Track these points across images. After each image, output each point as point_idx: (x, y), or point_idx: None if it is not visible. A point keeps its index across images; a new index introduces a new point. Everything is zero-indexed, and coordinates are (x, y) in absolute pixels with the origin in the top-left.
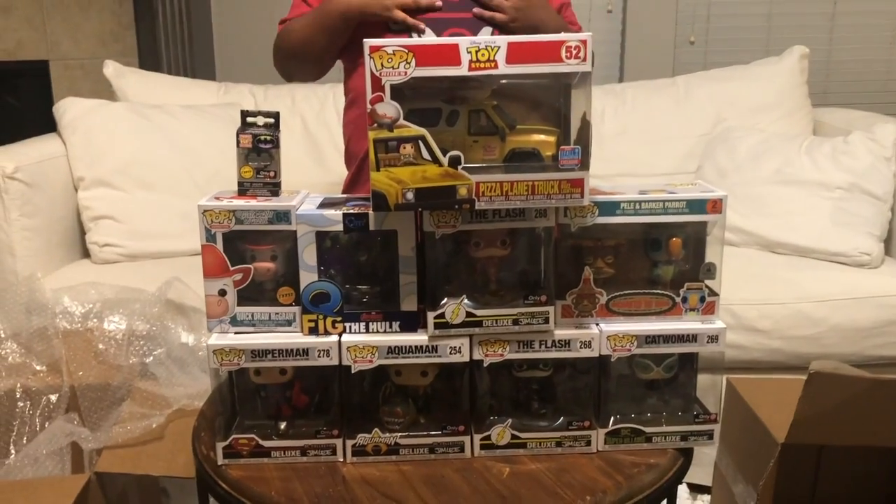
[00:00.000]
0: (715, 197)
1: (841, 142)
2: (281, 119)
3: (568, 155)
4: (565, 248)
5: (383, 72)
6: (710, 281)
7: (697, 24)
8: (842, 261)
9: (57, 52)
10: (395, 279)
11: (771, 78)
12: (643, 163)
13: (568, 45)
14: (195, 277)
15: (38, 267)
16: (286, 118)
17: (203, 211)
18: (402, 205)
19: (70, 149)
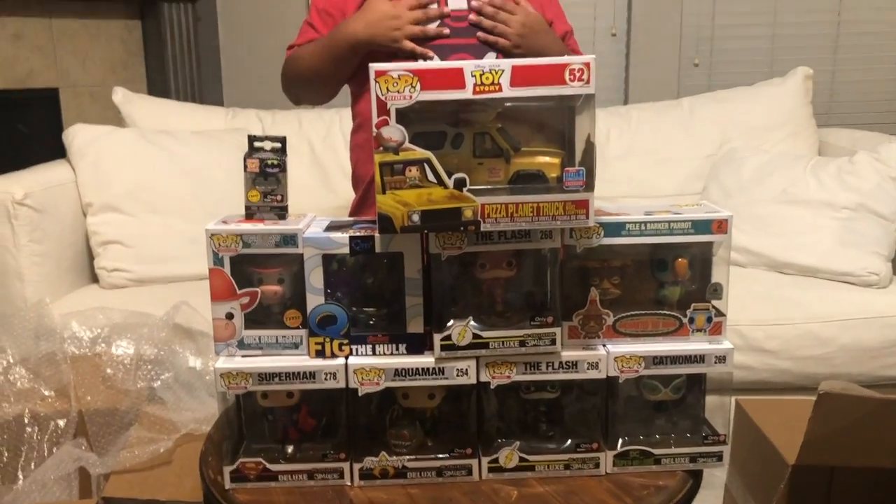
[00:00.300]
0: (720, 217)
1: (846, 162)
2: (288, 143)
3: (572, 176)
4: (571, 269)
5: (388, 96)
6: (716, 301)
7: (701, 46)
8: (849, 281)
9: (67, 79)
10: (402, 301)
11: (775, 99)
12: (649, 184)
13: (571, 68)
14: (203, 301)
15: (47, 292)
16: (293, 142)
17: (210, 235)
18: (408, 227)
19: (79, 175)
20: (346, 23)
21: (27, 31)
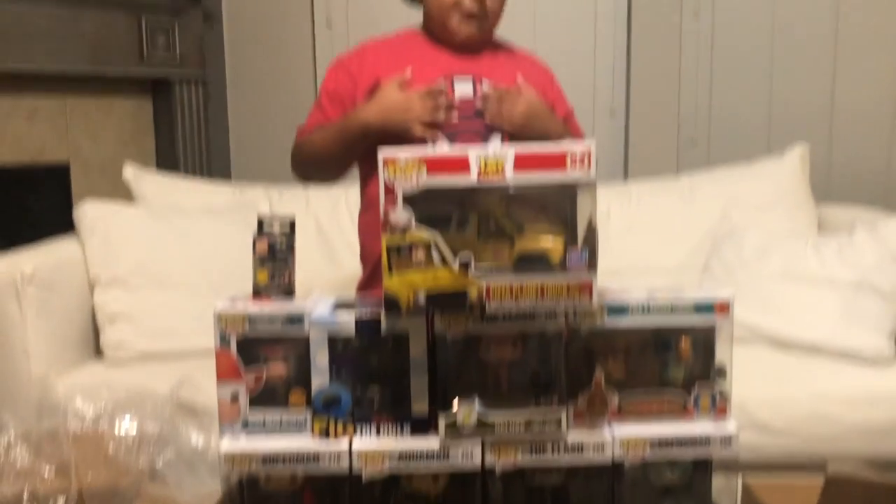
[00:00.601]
0: (722, 298)
1: (846, 239)
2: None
3: (576, 259)
4: (576, 349)
5: (396, 180)
6: (721, 382)
7: (699, 123)
8: (854, 358)
9: (77, 154)
10: (406, 382)
11: (773, 176)
12: (650, 259)
13: (573, 155)
14: (207, 377)
15: (52, 368)
16: (300, 218)
17: (218, 315)
18: (413, 308)
19: (88, 250)
20: (358, 110)
21: (42, 108)
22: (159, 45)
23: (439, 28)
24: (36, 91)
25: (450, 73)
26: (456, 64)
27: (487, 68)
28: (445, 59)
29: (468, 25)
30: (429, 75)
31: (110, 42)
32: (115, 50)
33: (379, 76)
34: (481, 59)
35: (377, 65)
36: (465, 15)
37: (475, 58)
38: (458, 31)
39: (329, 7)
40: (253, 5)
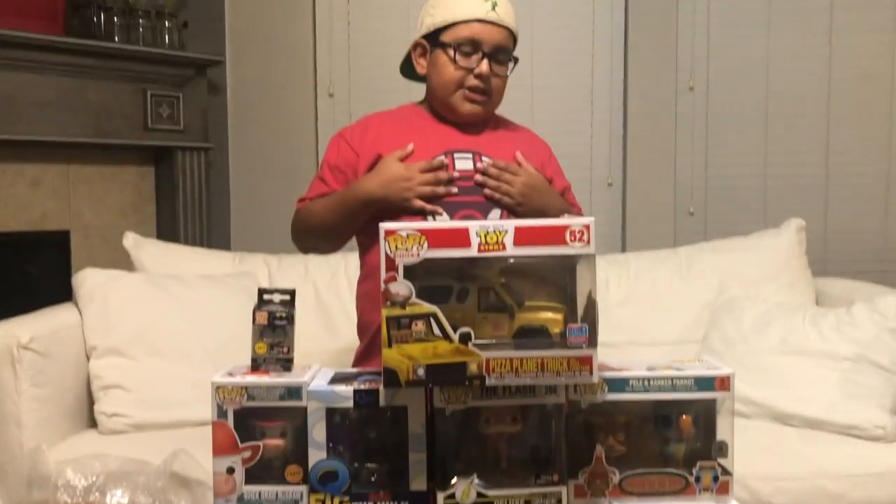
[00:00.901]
0: (723, 374)
1: (844, 313)
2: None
3: (576, 333)
4: (576, 424)
5: (397, 253)
6: (722, 459)
7: (696, 195)
8: (856, 434)
9: (79, 222)
10: (405, 456)
11: (770, 250)
12: (649, 331)
13: (572, 230)
14: (201, 448)
15: (45, 438)
16: (298, 286)
17: (216, 387)
18: (413, 381)
19: (85, 318)
20: (359, 181)
21: (45, 176)
22: (164, 115)
23: (442, 105)
24: (40, 159)
25: (450, 148)
26: (456, 139)
27: (487, 143)
28: (446, 134)
29: (472, 104)
30: (430, 150)
31: (115, 112)
32: (120, 120)
33: (381, 150)
34: (481, 135)
35: (379, 138)
36: (469, 93)
37: (475, 133)
38: (461, 109)
39: (331, 78)
40: (257, 76)
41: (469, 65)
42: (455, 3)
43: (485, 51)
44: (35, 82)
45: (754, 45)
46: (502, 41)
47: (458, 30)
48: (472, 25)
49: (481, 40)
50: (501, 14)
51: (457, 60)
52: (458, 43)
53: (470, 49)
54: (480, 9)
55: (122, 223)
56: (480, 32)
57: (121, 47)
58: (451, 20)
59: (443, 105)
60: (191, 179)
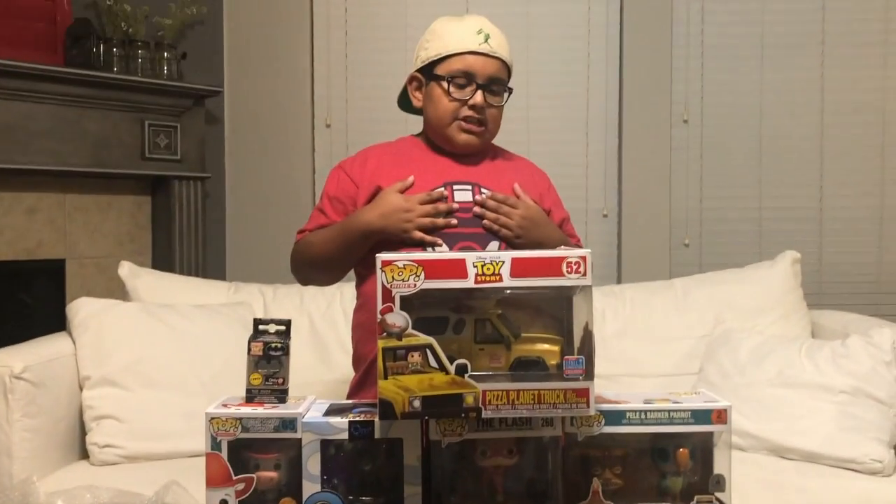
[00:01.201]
0: (719, 407)
1: (840, 345)
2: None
3: (572, 365)
4: (573, 457)
5: (394, 284)
6: (720, 493)
7: (691, 227)
8: (853, 468)
9: (74, 251)
10: (400, 490)
11: (765, 282)
12: (645, 363)
13: (569, 261)
14: (194, 480)
15: (35, 469)
16: (294, 317)
17: (210, 419)
18: (408, 413)
19: (79, 348)
20: (359, 212)
21: (41, 205)
22: (161, 145)
23: (439, 136)
24: (37, 187)
25: (449, 180)
26: (455, 170)
27: (486, 175)
28: (445, 166)
29: (468, 134)
30: (429, 181)
31: (112, 141)
32: (117, 149)
33: (380, 182)
34: (480, 166)
35: (379, 170)
36: (464, 124)
37: (474, 165)
38: (457, 140)
39: (329, 109)
40: (254, 106)
41: (463, 96)
42: (448, 36)
43: (478, 82)
44: (33, 112)
45: (748, 78)
46: (495, 72)
47: (451, 62)
48: (465, 58)
49: (474, 72)
50: (494, 46)
51: (451, 92)
52: (451, 75)
53: (464, 81)
54: (473, 41)
55: (117, 252)
56: (473, 64)
57: (119, 78)
58: (445, 53)
59: (439, 136)
60: (187, 209)
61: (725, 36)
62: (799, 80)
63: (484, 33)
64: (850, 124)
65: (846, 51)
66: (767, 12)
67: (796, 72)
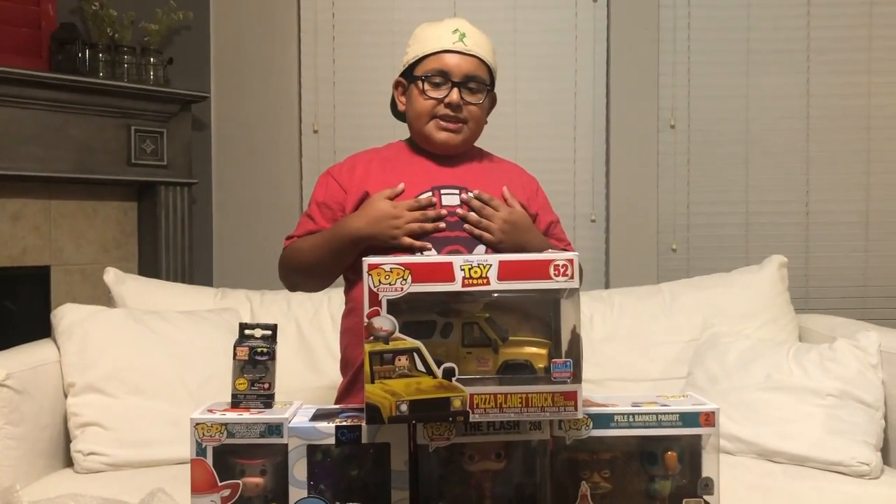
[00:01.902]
0: (707, 410)
1: (827, 349)
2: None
3: (560, 368)
4: (561, 460)
5: (381, 288)
6: (708, 496)
7: (678, 232)
8: (840, 470)
9: (59, 257)
10: (387, 495)
11: (752, 286)
12: (633, 367)
13: (556, 264)
14: (180, 488)
15: (19, 477)
16: (281, 323)
17: (195, 424)
18: (395, 417)
19: (64, 355)
20: (348, 219)
21: (26, 211)
22: (147, 151)
23: (419, 136)
24: (21, 193)
25: (437, 184)
26: (443, 174)
27: (473, 178)
28: (433, 170)
29: (446, 132)
30: (417, 185)
31: (98, 147)
32: (103, 155)
33: (368, 187)
34: (468, 169)
35: (367, 176)
36: (441, 122)
37: (461, 168)
38: (436, 138)
39: (316, 114)
40: (241, 112)
41: (439, 95)
42: (425, 38)
43: (454, 80)
44: (18, 117)
45: (734, 84)
46: (472, 70)
47: (427, 62)
48: (440, 57)
49: (449, 70)
50: (470, 44)
51: (426, 91)
52: (426, 74)
53: (440, 79)
54: (448, 40)
55: (103, 259)
56: (448, 62)
57: (105, 83)
58: (422, 54)
59: (420, 136)
60: (173, 215)
61: (712, 42)
62: (785, 86)
63: (459, 32)
64: (835, 129)
65: (832, 57)
66: (753, 18)
67: (782, 77)
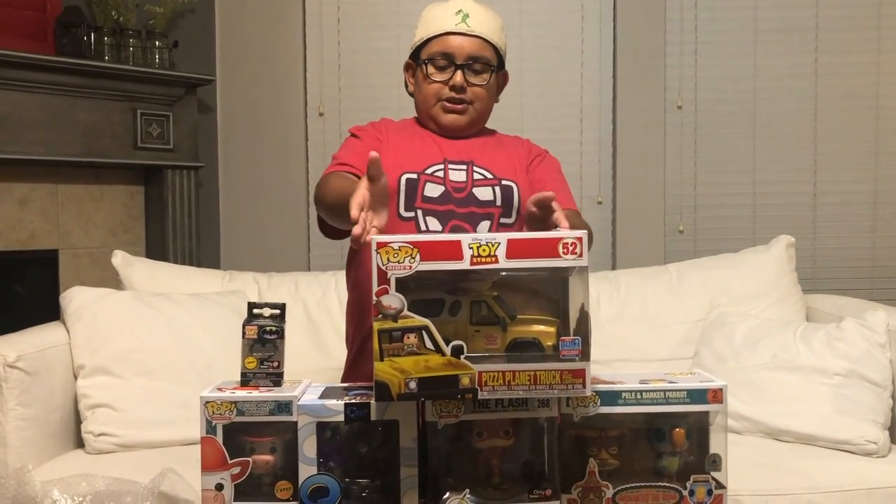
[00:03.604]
0: (715, 387)
1: (834, 328)
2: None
3: (568, 345)
4: (569, 437)
5: (389, 266)
6: (716, 473)
7: (685, 213)
8: (848, 449)
9: (67, 241)
10: (396, 472)
11: (761, 266)
12: (640, 348)
13: (564, 242)
14: (190, 468)
15: (30, 458)
16: (288, 304)
17: (205, 402)
18: (404, 394)
19: (73, 337)
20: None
21: (33, 196)
22: (153, 134)
23: (427, 118)
24: (29, 178)
25: (447, 158)
26: (451, 149)
27: (480, 153)
28: (442, 144)
29: (452, 114)
30: (426, 158)
31: (105, 131)
32: (110, 139)
33: (389, 140)
34: (474, 144)
35: (387, 131)
36: (447, 104)
37: (469, 143)
38: (442, 121)
39: (322, 97)
40: (247, 95)
41: (443, 77)
42: (430, 21)
43: (457, 62)
44: (24, 101)
45: (741, 64)
46: (475, 51)
47: (432, 45)
48: (443, 39)
49: (453, 52)
50: (473, 25)
51: (430, 75)
52: (431, 57)
53: (444, 62)
54: (451, 22)
55: (110, 242)
56: (451, 44)
57: (111, 66)
58: (427, 36)
59: (427, 118)
60: (180, 198)
61: (719, 21)
62: (793, 66)
63: (463, 13)
64: (843, 109)
65: (840, 36)
66: None
67: (790, 57)
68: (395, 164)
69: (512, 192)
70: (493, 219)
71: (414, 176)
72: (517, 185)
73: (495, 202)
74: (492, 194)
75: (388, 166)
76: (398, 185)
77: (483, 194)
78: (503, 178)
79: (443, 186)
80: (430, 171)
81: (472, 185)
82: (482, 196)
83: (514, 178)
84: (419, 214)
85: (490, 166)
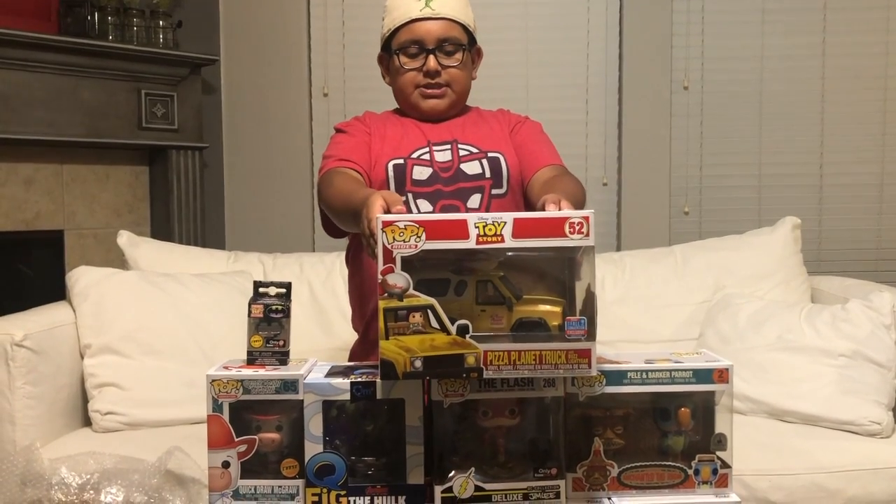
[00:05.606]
0: (721, 366)
1: (840, 309)
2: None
3: (574, 325)
4: (574, 417)
5: (395, 245)
6: (721, 452)
7: (691, 195)
8: (852, 430)
9: (72, 221)
10: (402, 450)
11: (766, 247)
12: (645, 329)
13: (571, 221)
14: (196, 447)
15: (38, 436)
16: (293, 285)
17: (211, 381)
18: (410, 373)
19: (79, 317)
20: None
21: (39, 176)
22: (158, 115)
23: (407, 106)
24: (33, 158)
25: (430, 140)
26: (434, 131)
27: (462, 131)
28: (424, 128)
29: (431, 99)
30: (411, 142)
31: (109, 111)
32: (114, 119)
33: (377, 131)
34: (455, 123)
35: (372, 123)
36: (425, 90)
37: (451, 122)
38: (423, 107)
39: (326, 77)
40: (251, 75)
41: (417, 65)
42: (395, 9)
43: (428, 47)
44: (28, 81)
45: (748, 44)
46: (444, 33)
47: (400, 34)
48: (410, 27)
49: (422, 38)
50: (437, 7)
51: (404, 64)
52: (401, 46)
53: (415, 49)
54: (415, 8)
55: (116, 223)
56: (419, 31)
57: (115, 46)
58: (393, 26)
59: (408, 107)
60: (185, 179)
61: (726, 1)
62: (800, 46)
63: None
64: (851, 90)
65: (848, 16)
66: None
67: (797, 37)
68: (382, 153)
69: (500, 163)
70: (484, 191)
71: (401, 161)
72: (503, 155)
73: (484, 174)
74: (480, 167)
75: (376, 156)
76: (386, 173)
77: (471, 168)
78: (489, 151)
79: (430, 168)
80: (416, 154)
81: (459, 161)
82: (470, 171)
83: (499, 149)
84: (410, 198)
85: (474, 141)
